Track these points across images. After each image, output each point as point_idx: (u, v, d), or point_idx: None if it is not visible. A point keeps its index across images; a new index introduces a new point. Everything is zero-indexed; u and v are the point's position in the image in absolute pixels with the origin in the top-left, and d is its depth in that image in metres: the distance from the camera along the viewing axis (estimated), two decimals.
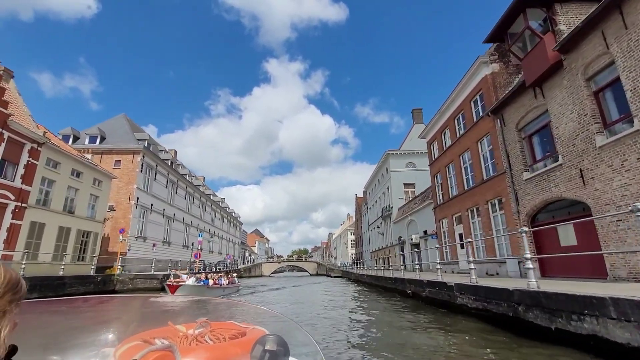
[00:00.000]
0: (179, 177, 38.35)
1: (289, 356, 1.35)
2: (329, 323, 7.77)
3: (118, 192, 27.99)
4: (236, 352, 1.46)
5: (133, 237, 27.77)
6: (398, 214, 29.91)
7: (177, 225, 37.30)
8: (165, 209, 33.99)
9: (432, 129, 20.98)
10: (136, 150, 29.10)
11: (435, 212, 20.31)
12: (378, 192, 38.19)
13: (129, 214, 27.62)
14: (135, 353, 1.28)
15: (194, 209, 43.35)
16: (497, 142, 13.44)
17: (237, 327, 1.81)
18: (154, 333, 1.55)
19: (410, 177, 31.69)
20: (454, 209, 17.57)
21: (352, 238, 72.42)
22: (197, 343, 1.59)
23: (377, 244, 39.83)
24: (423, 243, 22.87)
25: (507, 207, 12.85)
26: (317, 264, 63.57)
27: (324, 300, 13.91)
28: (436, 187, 20.42)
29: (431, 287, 9.01)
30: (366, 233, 48.80)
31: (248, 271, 49.92)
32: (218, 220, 55.67)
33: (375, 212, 40.38)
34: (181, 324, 1.75)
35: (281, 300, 15.24)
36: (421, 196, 24.44)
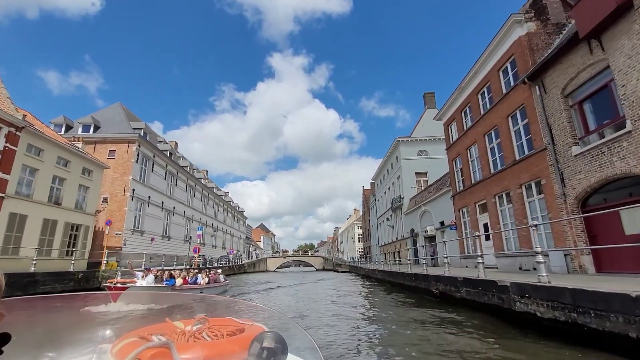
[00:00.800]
0: (179, 169, 36.79)
1: (287, 354, 1.33)
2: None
3: (113, 184, 26.50)
4: (234, 349, 1.45)
5: (129, 230, 26.31)
6: (410, 205, 27.92)
7: (178, 219, 35.84)
8: (164, 201, 32.48)
9: (449, 108, 18.88)
10: (131, 139, 27.51)
11: (454, 200, 18.31)
12: (387, 183, 36.18)
13: (124, 206, 26.13)
14: (132, 350, 1.27)
15: (196, 202, 41.87)
16: (534, 114, 11.38)
17: (235, 324, 1.80)
18: (151, 329, 1.55)
19: (423, 165, 29.61)
20: (478, 196, 15.56)
21: (359, 232, 70.56)
22: (195, 340, 1.58)
23: (386, 238, 37.93)
24: (439, 235, 20.90)
25: (548, 190, 10.83)
26: (324, 259, 61.85)
27: (334, 303, 12.09)
28: (455, 173, 18.39)
29: (470, 286, 7.11)
30: (374, 226, 46.90)
31: (252, 266, 48.47)
32: (221, 215, 54.26)
33: (384, 204, 38.42)
34: (179, 320, 1.74)
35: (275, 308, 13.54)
36: (436, 184, 22.42)
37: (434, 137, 29.81)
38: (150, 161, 29.98)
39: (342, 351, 4.83)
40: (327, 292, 15.47)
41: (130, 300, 3.56)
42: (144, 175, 29.03)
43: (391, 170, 34.51)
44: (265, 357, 1.28)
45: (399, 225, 31.42)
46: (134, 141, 27.50)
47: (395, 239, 32.59)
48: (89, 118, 28.96)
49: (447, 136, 19.54)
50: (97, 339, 1.52)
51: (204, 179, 47.81)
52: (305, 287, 18.34)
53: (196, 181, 42.45)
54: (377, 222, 43.85)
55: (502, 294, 5.75)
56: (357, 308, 9.66)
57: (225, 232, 55.16)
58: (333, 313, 7.45)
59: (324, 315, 7.95)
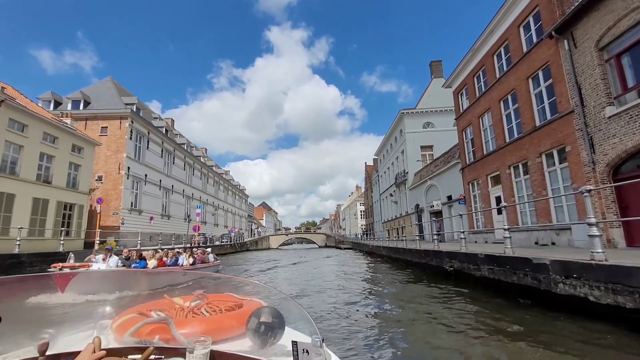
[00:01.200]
0: (176, 146, 35.70)
1: (285, 328, 1.35)
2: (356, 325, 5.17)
3: (107, 162, 25.59)
4: (232, 324, 1.48)
5: (126, 209, 25.68)
6: (414, 180, 27.00)
7: (177, 197, 35.20)
8: (161, 180, 31.67)
9: (460, 74, 17.48)
10: (123, 115, 26.28)
11: (464, 173, 17.33)
12: (391, 158, 35.10)
13: (120, 184, 25.33)
14: (132, 325, 1.30)
15: (195, 180, 41.09)
16: (560, 72, 10.15)
17: (233, 299, 1.80)
18: (150, 306, 1.55)
19: (428, 138, 28.40)
20: (490, 168, 14.56)
21: (361, 209, 70.21)
22: (193, 315, 1.58)
23: (389, 214, 37.35)
24: (446, 210, 20.11)
25: (573, 158, 9.82)
26: (326, 236, 61.92)
27: (339, 281, 11.42)
28: (465, 144, 17.29)
29: (495, 264, 6.26)
30: (377, 203, 46.31)
31: (255, 244, 48.42)
32: (222, 193, 53.71)
33: (388, 180, 37.53)
34: (177, 297, 1.75)
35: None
36: (444, 157, 21.36)
37: (441, 109, 28.41)
38: (145, 138, 28.89)
39: (357, 344, 4.05)
40: (334, 271, 14.88)
41: (84, 287, 2.69)
42: (139, 152, 28.05)
43: (395, 144, 33.32)
44: (263, 331, 1.31)
45: (403, 200, 30.66)
46: (126, 117, 26.30)
47: (399, 215, 31.96)
48: (78, 93, 27.60)
49: (457, 105, 18.27)
50: (97, 315, 1.51)
51: (202, 157, 46.81)
52: (309, 265, 17.53)
53: (195, 159, 41.49)
54: (380, 199, 43.18)
55: (539, 273, 4.90)
56: (370, 290, 8.92)
57: (226, 211, 54.84)
58: (345, 301, 6.63)
59: (337, 301, 7.11)
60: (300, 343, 1.11)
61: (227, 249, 33.20)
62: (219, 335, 1.38)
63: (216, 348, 1.19)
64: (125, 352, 1.20)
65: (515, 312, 4.97)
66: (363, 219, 67.13)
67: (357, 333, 4.46)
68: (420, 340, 4.12)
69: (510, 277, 5.68)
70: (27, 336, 1.19)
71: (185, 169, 38.29)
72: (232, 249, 35.01)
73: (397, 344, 3.99)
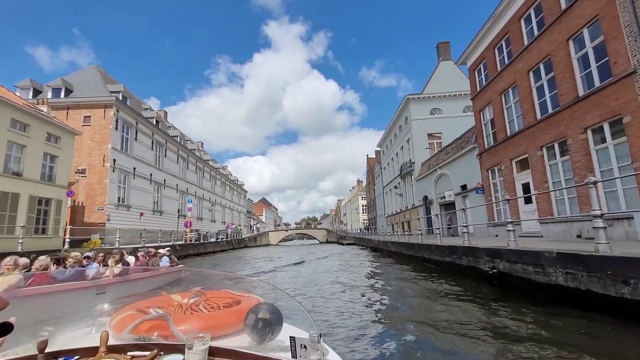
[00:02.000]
0: (168, 138, 33.80)
1: (282, 324, 1.36)
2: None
3: (90, 154, 23.73)
4: (230, 320, 1.49)
5: (112, 205, 23.87)
6: (422, 170, 25.14)
7: (170, 192, 33.38)
8: (152, 173, 29.83)
9: (477, 47, 15.53)
10: (108, 103, 24.36)
11: (482, 159, 15.46)
12: (395, 148, 33.19)
13: (105, 178, 23.49)
14: (130, 322, 1.32)
15: (189, 174, 39.24)
16: (616, 26, 8.24)
17: (231, 296, 1.82)
18: (148, 303, 1.59)
19: (436, 125, 26.48)
20: (516, 151, 12.70)
21: (363, 203, 68.43)
22: (192, 312, 1.61)
23: (393, 207, 35.55)
24: (460, 201, 18.27)
25: (633, 131, 7.94)
26: (327, 231, 60.23)
27: (341, 289, 9.61)
28: (483, 127, 15.41)
29: (580, 266, 4.39)
30: (380, 196, 44.50)
31: (253, 240, 46.72)
32: (219, 188, 51.87)
33: (392, 172, 35.67)
34: (176, 294, 1.78)
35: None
36: (456, 143, 19.47)
37: (450, 93, 26.46)
38: (132, 129, 26.98)
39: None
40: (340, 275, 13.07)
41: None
42: (126, 144, 26.17)
43: (400, 133, 31.40)
44: (261, 327, 1.32)
45: (408, 193, 28.83)
46: (110, 105, 24.37)
47: (405, 208, 30.14)
48: (59, 81, 25.63)
49: (473, 82, 16.33)
50: (96, 313, 1.51)
51: (198, 151, 44.94)
52: (310, 267, 14.67)
53: (189, 152, 39.59)
54: (383, 192, 41.37)
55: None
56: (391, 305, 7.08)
57: (224, 207, 53.08)
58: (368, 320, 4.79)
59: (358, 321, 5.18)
60: (298, 338, 1.12)
61: (223, 245, 31.45)
62: (217, 332, 1.38)
63: (215, 344, 1.18)
64: (125, 349, 1.19)
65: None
66: (365, 213, 65.35)
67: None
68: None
69: (610, 288, 3.83)
70: (27, 334, 1.18)
71: (179, 163, 36.44)
72: (228, 245, 33.26)
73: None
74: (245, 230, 62.90)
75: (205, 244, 26.02)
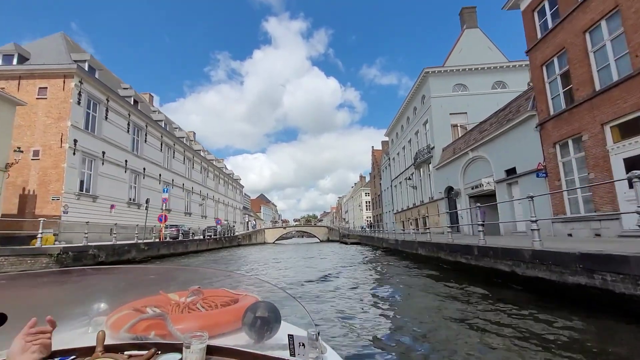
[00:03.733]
0: (150, 121, 29.66)
1: (281, 323, 1.35)
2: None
3: (45, 132, 19.65)
4: (228, 319, 1.47)
5: (72, 194, 19.79)
6: (444, 156, 21.04)
7: (151, 182, 29.24)
8: (128, 160, 25.73)
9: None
10: (68, 72, 20.24)
11: (544, 130, 11.36)
12: (408, 134, 29.06)
13: (62, 161, 19.41)
14: (127, 322, 1.30)
15: (176, 164, 35.13)
16: None
17: (229, 295, 1.80)
18: (145, 302, 1.57)
19: (460, 103, 22.37)
20: (613, 110, 8.60)
21: (366, 199, 64.32)
22: (189, 311, 1.58)
23: (404, 202, 31.49)
24: (504, 190, 14.18)
25: None
26: (328, 229, 56.11)
27: None
28: (547, 86, 11.29)
29: None
30: (387, 191, 40.43)
31: (248, 238, 42.65)
32: (212, 181, 47.78)
33: (402, 162, 31.57)
34: (173, 293, 1.74)
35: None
36: (497, 117, 15.32)
37: (477, 66, 22.31)
38: (101, 105, 22.87)
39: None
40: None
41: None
42: (92, 123, 22.08)
43: (414, 117, 27.26)
44: (259, 326, 1.31)
45: (425, 184, 24.74)
46: (71, 75, 20.25)
47: (420, 203, 26.06)
48: (11, 46, 21.49)
49: (530, 29, 12.17)
50: (92, 312, 1.49)
51: (187, 140, 40.80)
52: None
53: (176, 140, 35.47)
54: (391, 185, 37.29)
55: None
56: None
57: (217, 201, 49.03)
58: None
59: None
60: (296, 336, 1.11)
61: (210, 244, 27.37)
62: (215, 331, 1.37)
63: (213, 343, 1.18)
64: (122, 348, 1.18)
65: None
66: (369, 210, 61.23)
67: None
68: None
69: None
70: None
71: (164, 151, 32.32)
72: (217, 244, 29.18)
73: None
74: (241, 227, 58.91)
75: (186, 242, 21.97)
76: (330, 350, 1.28)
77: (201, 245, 24.92)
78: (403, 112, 30.48)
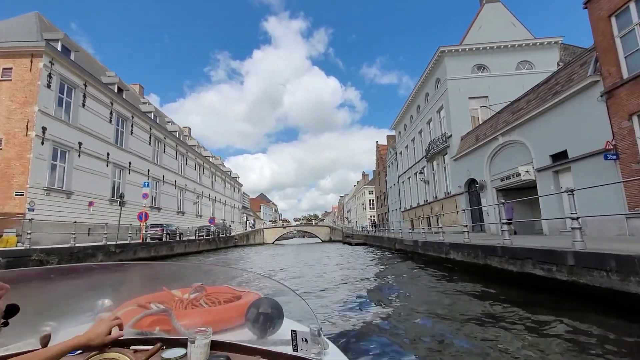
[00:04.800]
0: (137, 112, 27.18)
1: (284, 319, 1.37)
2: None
3: (9, 119, 17.21)
4: (231, 315, 1.48)
5: (39, 189, 17.34)
6: (464, 144, 18.52)
7: (137, 178, 26.73)
8: (110, 153, 23.27)
9: None
10: (36, 50, 17.80)
11: (615, 99, 8.82)
12: (419, 124, 26.53)
13: (28, 152, 16.97)
14: (132, 318, 1.30)
15: (168, 159, 32.63)
16: None
17: (232, 291, 1.80)
18: (149, 298, 1.56)
19: (480, 86, 19.87)
20: None
21: (370, 197, 61.71)
22: (193, 307, 1.58)
23: (413, 199, 28.99)
24: (548, 179, 11.64)
25: None
26: (330, 229, 53.52)
27: None
28: (616, 42, 8.76)
29: None
30: (393, 187, 37.93)
31: (245, 239, 40.18)
32: (208, 179, 45.29)
33: (412, 155, 29.06)
34: (176, 289, 1.74)
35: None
36: (538, 91, 12.75)
37: (499, 44, 19.78)
38: (77, 91, 20.41)
39: None
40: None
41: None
42: (67, 109, 19.64)
43: (426, 104, 24.74)
44: (262, 322, 1.32)
45: (440, 178, 22.22)
46: (40, 54, 17.81)
47: (433, 199, 23.53)
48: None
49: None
50: (97, 308, 1.47)
51: (181, 134, 38.34)
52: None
53: (167, 134, 33.01)
54: (398, 182, 34.77)
55: None
56: None
57: (214, 200, 46.54)
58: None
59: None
60: (299, 332, 1.13)
61: (201, 245, 24.90)
62: (218, 326, 1.37)
63: (216, 338, 1.19)
64: (128, 343, 1.18)
65: None
66: (373, 209, 58.68)
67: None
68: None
69: None
70: (29, 328, 1.18)
71: (153, 145, 29.83)
72: (210, 245, 26.69)
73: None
74: (239, 227, 56.47)
75: (171, 244, 19.49)
76: (333, 346, 1.29)
77: (190, 246, 22.44)
78: (413, 101, 27.95)
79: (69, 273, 1.74)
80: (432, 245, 11.21)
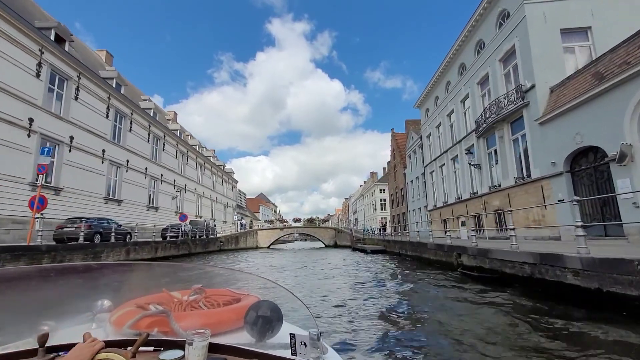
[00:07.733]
0: (101, 84, 20.38)
1: (282, 322, 1.35)
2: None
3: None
4: (230, 317, 1.45)
5: (25, 184, 10.50)
6: (561, 96, 11.52)
7: (89, 161, 19.69)
8: (35, 118, 16.46)
9: None
10: None
11: None
12: (463, 88, 19.50)
13: None
14: (130, 318, 1.29)
15: (134, 139, 25.64)
16: None
17: (231, 294, 1.78)
18: (148, 299, 1.54)
19: (578, 14, 12.93)
20: None
21: (382, 197, 54.54)
22: (192, 309, 1.57)
23: (449, 193, 21.99)
24: None
25: None
26: (336, 231, 46.39)
27: None
28: None
29: None
30: (415, 181, 30.88)
31: (234, 241, 33.19)
32: (194, 171, 38.45)
33: (447, 136, 22.07)
34: (176, 291, 1.72)
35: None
36: None
37: None
38: (70, 82, 13.68)
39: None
40: None
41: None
42: (57, 101, 12.91)
43: (477, 56, 17.77)
44: (261, 325, 1.29)
45: (507, 157, 15.16)
46: None
47: (490, 189, 16.52)
48: None
49: None
50: (96, 308, 1.46)
51: (154, 111, 31.51)
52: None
53: (145, 114, 26.24)
54: (423, 173, 27.73)
55: None
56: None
57: (201, 196, 39.68)
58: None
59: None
60: (298, 336, 1.11)
61: (163, 249, 17.97)
62: (217, 329, 1.34)
63: (215, 341, 1.16)
64: (125, 344, 1.17)
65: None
66: (385, 209, 51.60)
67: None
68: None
69: None
70: (27, 327, 1.17)
71: (111, 118, 22.87)
72: (177, 250, 19.71)
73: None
74: (232, 228, 49.47)
75: (95, 246, 12.54)
76: (332, 351, 1.28)
77: (141, 251, 15.51)
78: (452, 60, 20.99)
79: (68, 272, 1.68)
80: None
